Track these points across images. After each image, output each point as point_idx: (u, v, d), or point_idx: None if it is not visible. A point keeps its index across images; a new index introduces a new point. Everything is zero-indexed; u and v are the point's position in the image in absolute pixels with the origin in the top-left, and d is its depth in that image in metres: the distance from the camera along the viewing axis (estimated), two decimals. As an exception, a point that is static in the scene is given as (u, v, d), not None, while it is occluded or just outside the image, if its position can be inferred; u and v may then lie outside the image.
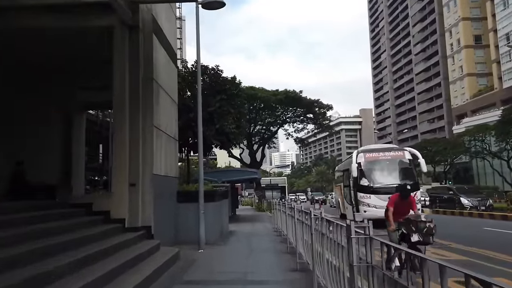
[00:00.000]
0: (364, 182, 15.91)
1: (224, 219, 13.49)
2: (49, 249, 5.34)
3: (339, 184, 22.05)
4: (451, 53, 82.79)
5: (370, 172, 16.14)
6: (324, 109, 38.40)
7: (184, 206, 10.78)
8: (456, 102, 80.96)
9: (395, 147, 18.91)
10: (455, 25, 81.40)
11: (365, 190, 15.74)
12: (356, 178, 16.04)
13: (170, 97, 10.41)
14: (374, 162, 16.40)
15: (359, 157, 16.72)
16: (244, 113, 20.59)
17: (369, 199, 15.23)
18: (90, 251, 6.05)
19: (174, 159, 10.72)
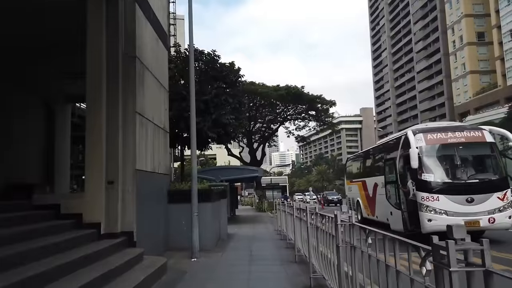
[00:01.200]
0: (428, 176, 10.69)
1: (222, 221, 12.10)
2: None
3: (358, 180, 17.61)
4: (454, 50, 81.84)
5: (436, 162, 11.08)
6: (326, 106, 36.91)
7: (176, 207, 9.42)
8: (459, 100, 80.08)
9: (467, 126, 13.42)
10: (458, 22, 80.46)
11: (429, 188, 10.56)
12: (414, 171, 10.77)
13: (158, 82, 9.02)
14: (441, 147, 11.24)
15: (418, 139, 11.17)
16: (244, 102, 18.80)
17: (437, 203, 10.32)
18: (49, 265, 4.70)
19: (163, 154, 9.34)
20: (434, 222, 10.15)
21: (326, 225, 5.01)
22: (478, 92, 74.73)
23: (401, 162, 11.86)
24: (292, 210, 8.60)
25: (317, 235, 5.65)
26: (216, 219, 10.85)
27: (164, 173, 9.34)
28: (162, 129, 9.36)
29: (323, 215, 5.18)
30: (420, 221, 10.45)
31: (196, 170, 8.85)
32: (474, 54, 77.89)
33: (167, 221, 9.35)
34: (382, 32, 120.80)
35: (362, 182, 16.78)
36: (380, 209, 14.01)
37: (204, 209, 9.41)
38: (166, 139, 9.68)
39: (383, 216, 13.45)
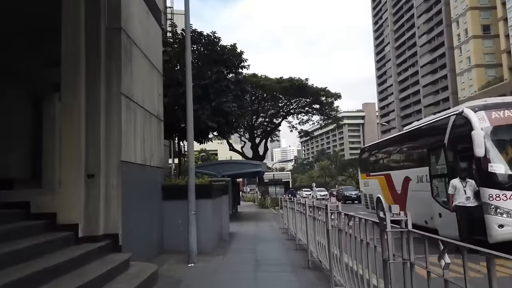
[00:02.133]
0: (497, 167, 8.19)
1: (223, 219, 11.03)
2: None
3: (379, 173, 15.04)
4: (458, 44, 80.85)
5: (508, 148, 8.51)
6: (331, 98, 35.69)
7: (171, 205, 8.34)
8: (464, 95, 79.03)
9: None
10: (463, 15, 79.39)
11: (501, 183, 8.16)
12: (478, 161, 8.39)
13: (149, 62, 7.92)
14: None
15: (480, 117, 8.69)
16: (247, 90, 17.32)
17: (511, 203, 7.96)
18: (4, 279, 3.66)
19: (157, 144, 8.26)
20: (507, 228, 7.84)
21: (356, 229, 3.91)
22: (484, 86, 73.73)
23: (452, 149, 9.32)
24: (304, 208, 7.51)
25: (339, 241, 4.59)
26: (217, 217, 9.78)
27: (158, 166, 8.26)
28: (156, 117, 8.28)
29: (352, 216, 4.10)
30: (486, 227, 8.10)
31: (194, 163, 7.76)
32: (479, 47, 77.00)
33: (161, 220, 8.28)
34: (385, 26, 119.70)
35: (385, 176, 14.40)
36: (415, 208, 11.15)
37: (203, 207, 8.34)
38: (160, 128, 8.60)
39: (421, 217, 10.85)
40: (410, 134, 13.15)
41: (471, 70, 77.82)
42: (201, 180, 9.62)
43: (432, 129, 11.08)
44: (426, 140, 11.37)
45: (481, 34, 77.63)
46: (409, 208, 11.81)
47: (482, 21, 78.23)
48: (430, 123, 11.62)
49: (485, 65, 76.62)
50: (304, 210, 7.38)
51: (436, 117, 11.43)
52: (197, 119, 11.63)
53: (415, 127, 12.91)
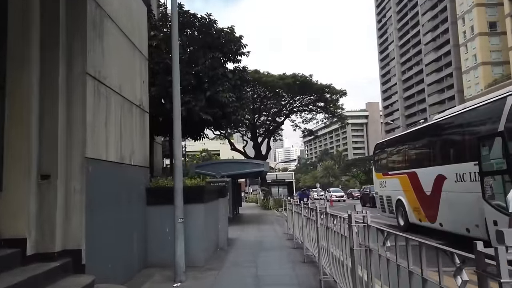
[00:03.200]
0: None
1: (221, 225, 9.78)
2: None
3: (401, 172, 13.15)
4: (464, 41, 79.74)
5: None
6: (336, 95, 34.29)
7: (157, 210, 7.10)
8: (470, 93, 77.86)
9: None
10: (468, 11, 78.27)
11: None
12: None
13: (130, 42, 6.68)
14: None
15: None
16: (247, 79, 15.17)
17: None
18: None
19: (140, 139, 7.01)
20: None
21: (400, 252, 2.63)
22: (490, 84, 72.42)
23: None
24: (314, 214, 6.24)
25: (369, 264, 3.34)
26: (211, 224, 8.53)
27: (141, 165, 7.02)
28: (138, 107, 7.03)
29: (393, 234, 2.83)
30: None
31: (181, 160, 6.50)
32: (486, 44, 76.04)
33: (145, 229, 7.03)
34: (389, 25, 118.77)
35: (408, 175, 12.55)
36: (453, 214, 9.59)
37: (194, 213, 7.09)
38: (144, 120, 7.35)
39: (461, 224, 9.12)
40: (445, 124, 10.91)
41: (477, 68, 76.80)
42: (194, 181, 8.36)
43: (480, 114, 9.03)
44: (470, 129, 9.44)
45: (488, 31, 76.72)
46: (443, 213, 10.20)
47: (488, 18, 77.33)
48: (475, 107, 9.30)
49: (491, 62, 75.68)
50: (315, 217, 6.12)
51: (480, 101, 9.42)
52: (189, 112, 10.38)
53: (451, 114, 10.64)
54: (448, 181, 9.89)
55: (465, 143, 9.47)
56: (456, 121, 10.21)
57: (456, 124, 10.27)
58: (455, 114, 10.32)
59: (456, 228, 9.57)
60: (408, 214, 12.76)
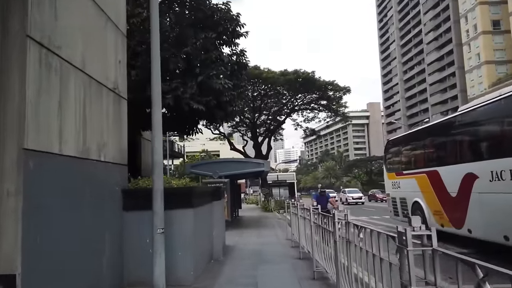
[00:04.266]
0: None
1: (216, 232, 8.50)
2: None
3: (418, 171, 11.83)
4: (467, 40, 78.77)
5: None
6: (340, 93, 32.94)
7: (137, 217, 5.83)
8: (473, 92, 76.96)
9: None
10: (471, 10, 77.33)
11: None
12: None
13: (100, 10, 5.38)
14: None
15: None
16: (245, 63, 12.88)
17: None
18: None
19: (114, 130, 5.73)
20: None
21: None
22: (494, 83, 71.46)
23: None
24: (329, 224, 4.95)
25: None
26: (203, 232, 7.25)
27: (115, 162, 5.75)
28: (112, 91, 5.76)
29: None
30: None
31: (162, 154, 5.20)
32: (489, 43, 75.12)
33: (120, 240, 5.77)
34: (390, 24, 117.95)
35: (427, 174, 11.17)
36: (486, 217, 8.35)
37: (181, 220, 5.82)
38: (120, 108, 6.08)
39: (498, 231, 7.83)
40: (477, 114, 9.42)
41: (480, 67, 75.85)
42: (182, 182, 7.04)
43: None
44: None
45: (491, 29, 75.87)
46: (474, 217, 8.87)
47: (491, 16, 76.49)
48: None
49: (495, 61, 74.82)
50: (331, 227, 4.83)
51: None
52: (177, 100, 8.98)
53: (484, 102, 9.14)
54: (480, 180, 8.50)
55: (505, 135, 8.06)
56: (492, 110, 8.72)
57: (492, 113, 8.82)
58: (490, 101, 8.83)
59: (490, 235, 8.19)
60: (427, 219, 11.38)
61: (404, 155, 13.79)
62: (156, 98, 5.13)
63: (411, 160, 13.12)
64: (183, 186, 6.71)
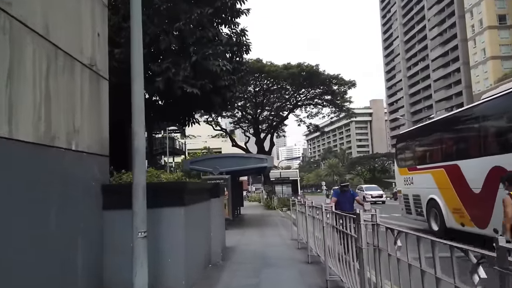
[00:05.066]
0: None
1: (214, 233, 7.60)
2: None
3: (435, 165, 10.82)
4: (472, 35, 77.77)
5: None
6: (345, 87, 31.84)
7: (118, 216, 4.89)
8: (478, 88, 76.09)
9: None
10: (477, 4, 76.28)
11: None
12: None
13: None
14: None
15: None
16: (245, 44, 11.16)
17: None
18: None
19: (90, 115, 4.82)
20: None
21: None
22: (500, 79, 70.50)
23: None
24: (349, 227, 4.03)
25: None
26: (199, 233, 6.34)
27: (92, 153, 4.85)
28: (88, 68, 4.85)
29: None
30: None
31: (143, 140, 4.26)
32: (495, 38, 74.21)
33: (99, 244, 4.87)
34: (393, 20, 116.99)
35: (446, 168, 10.13)
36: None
37: (170, 220, 4.92)
38: (100, 89, 5.17)
39: None
40: (504, 102, 8.45)
41: (486, 63, 74.93)
42: (172, 176, 6.06)
43: None
44: None
45: (497, 24, 74.77)
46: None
47: (497, 11, 75.66)
48: None
49: (501, 56, 73.92)
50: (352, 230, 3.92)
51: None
52: (169, 83, 8.00)
53: None
54: None
55: None
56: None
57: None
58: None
59: None
60: (445, 217, 10.45)
61: (418, 148, 12.82)
62: (137, 69, 4.21)
63: (426, 154, 12.17)
64: (172, 181, 5.81)
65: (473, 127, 9.65)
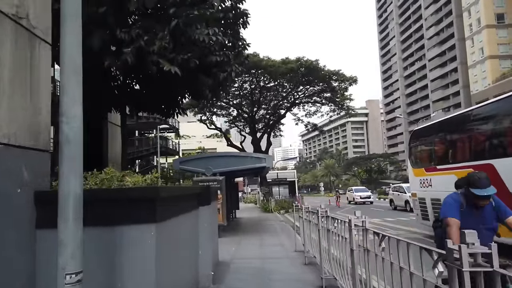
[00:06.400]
0: None
1: (203, 250, 6.03)
2: None
3: (462, 165, 9.28)
4: (470, 34, 77.01)
5: None
6: (345, 84, 30.25)
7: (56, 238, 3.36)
8: (476, 88, 75.41)
9: None
10: (475, 3, 75.53)
11: None
12: None
13: None
14: None
15: None
16: (243, 13, 8.96)
17: None
18: None
19: (10, 88, 3.26)
20: None
21: None
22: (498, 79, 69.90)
23: None
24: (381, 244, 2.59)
25: None
26: (180, 255, 4.75)
27: (15, 145, 3.28)
28: (11, 20, 3.29)
29: None
30: None
31: (80, 126, 2.70)
32: (493, 37, 73.52)
33: (28, 278, 3.31)
34: (390, 20, 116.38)
35: (478, 169, 7.74)
36: None
37: (133, 245, 3.36)
38: (36, 55, 3.61)
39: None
40: None
41: (484, 62, 74.17)
42: (139, 179, 4.36)
43: None
44: None
45: (495, 23, 74.07)
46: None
47: (495, 9, 75.04)
48: None
49: (499, 56, 73.28)
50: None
51: None
52: (141, 56, 6.23)
53: None
54: None
55: None
56: None
57: None
58: None
59: None
60: None
61: (438, 146, 11.28)
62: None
63: (449, 152, 10.62)
64: (146, 185, 4.19)
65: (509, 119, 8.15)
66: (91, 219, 3.05)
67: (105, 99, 6.88)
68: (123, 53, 6.01)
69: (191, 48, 7.31)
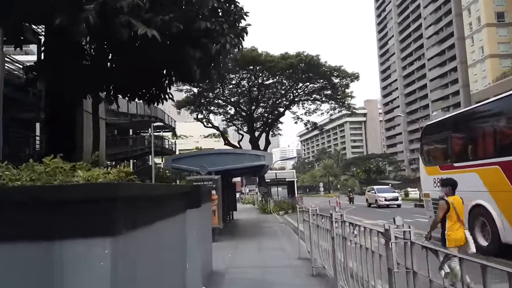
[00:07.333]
0: None
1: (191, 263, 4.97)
2: None
3: (484, 162, 8.48)
4: (470, 33, 76.57)
5: None
6: (347, 80, 29.14)
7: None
8: (476, 87, 74.97)
9: None
10: (475, 2, 75.09)
11: None
12: None
13: None
14: None
15: None
16: None
17: None
18: None
19: None
20: None
21: None
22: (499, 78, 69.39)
23: None
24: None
25: None
26: (156, 273, 3.71)
27: None
28: None
29: None
30: None
31: None
32: (493, 36, 73.19)
33: None
34: (389, 19, 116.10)
35: (504, 166, 7.86)
36: None
37: (80, 269, 2.35)
38: None
39: None
40: None
41: (484, 61, 73.73)
42: (96, 173, 3.17)
43: None
44: None
45: (495, 22, 73.68)
46: None
47: (496, 8, 74.75)
48: None
49: (499, 55, 72.93)
50: None
51: None
52: (107, 15, 4.86)
53: None
54: None
55: None
56: None
57: None
58: None
59: None
60: (500, 229, 7.91)
61: (456, 142, 10.23)
62: None
63: (468, 148, 9.58)
64: (105, 181, 3.08)
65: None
66: (9, 231, 2.00)
67: (74, 80, 5.72)
68: (84, 9, 4.75)
69: (172, 8, 5.84)
